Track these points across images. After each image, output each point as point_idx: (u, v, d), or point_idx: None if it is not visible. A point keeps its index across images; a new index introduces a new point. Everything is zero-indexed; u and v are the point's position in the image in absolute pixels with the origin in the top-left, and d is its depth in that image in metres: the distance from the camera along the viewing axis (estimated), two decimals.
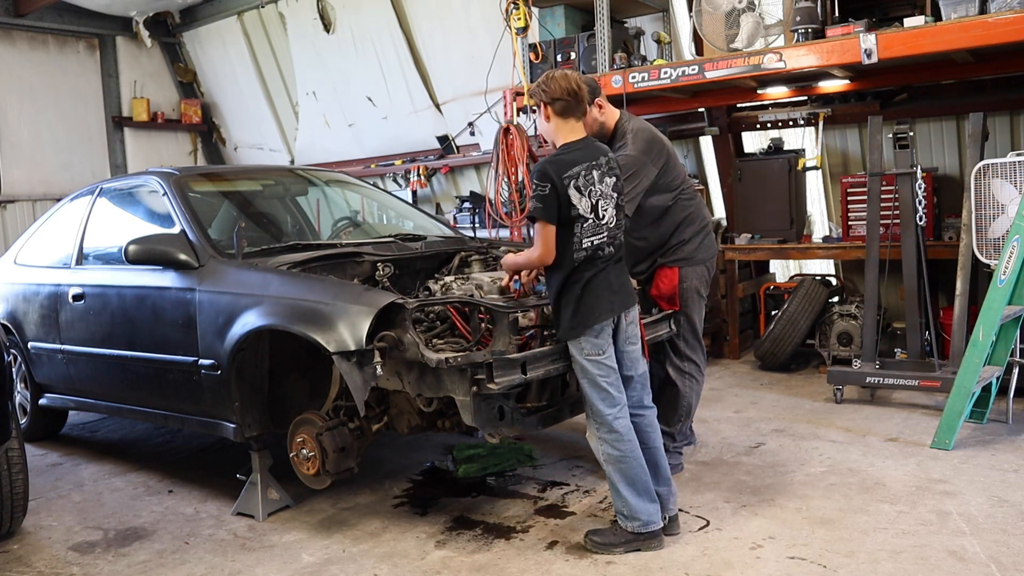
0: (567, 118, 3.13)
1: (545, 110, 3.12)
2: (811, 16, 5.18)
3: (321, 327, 3.16)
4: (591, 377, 3.08)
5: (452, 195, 8.80)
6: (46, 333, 4.59)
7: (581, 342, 3.08)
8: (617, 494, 3.13)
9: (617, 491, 3.12)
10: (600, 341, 3.08)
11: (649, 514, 3.11)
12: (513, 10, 6.09)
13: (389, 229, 4.86)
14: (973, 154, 4.97)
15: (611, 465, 3.11)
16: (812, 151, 6.56)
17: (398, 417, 3.56)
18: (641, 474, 3.11)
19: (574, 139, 3.13)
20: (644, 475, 3.12)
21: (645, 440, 3.22)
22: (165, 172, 4.41)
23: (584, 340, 3.07)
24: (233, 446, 4.14)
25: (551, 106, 3.11)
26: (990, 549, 3.01)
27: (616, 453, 3.09)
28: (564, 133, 3.14)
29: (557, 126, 3.14)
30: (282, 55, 9.63)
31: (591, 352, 3.08)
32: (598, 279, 3.09)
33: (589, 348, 3.08)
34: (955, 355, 4.79)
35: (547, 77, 3.13)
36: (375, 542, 3.36)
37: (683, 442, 4.10)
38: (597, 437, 3.12)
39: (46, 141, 9.64)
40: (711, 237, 4.04)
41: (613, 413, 3.08)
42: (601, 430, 3.10)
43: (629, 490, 3.10)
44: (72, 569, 3.28)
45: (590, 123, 3.71)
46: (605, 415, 3.08)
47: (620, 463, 3.09)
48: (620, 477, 3.10)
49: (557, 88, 3.08)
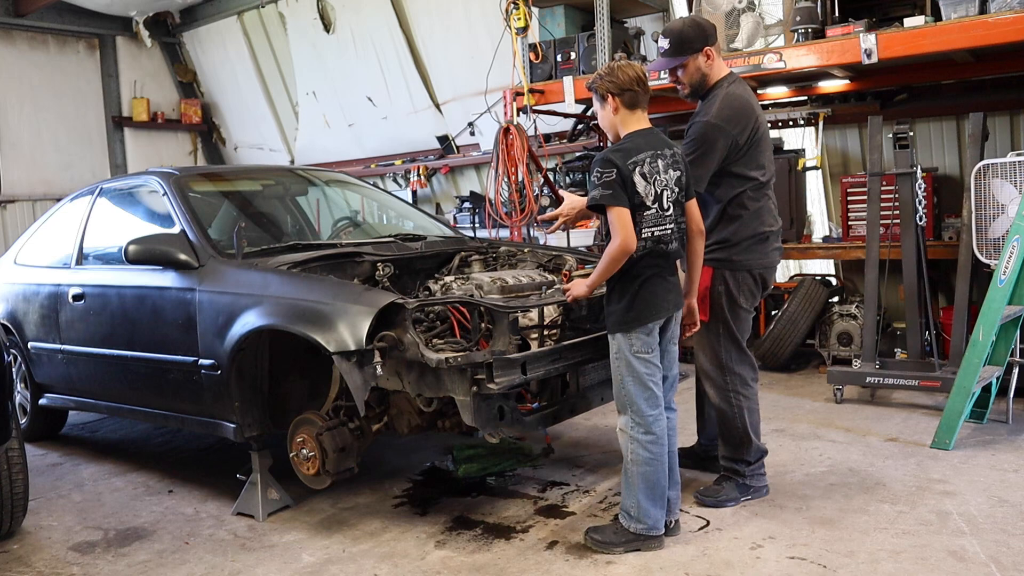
0: (634, 109, 3.06)
1: (613, 101, 3.04)
2: (811, 16, 5.19)
3: (321, 327, 3.16)
4: (638, 375, 3.01)
5: (452, 195, 8.81)
6: (46, 333, 4.59)
7: (632, 338, 3.00)
8: (630, 494, 3.07)
9: (632, 492, 3.06)
10: (651, 339, 3.02)
11: (656, 519, 3.08)
12: (513, 10, 6.10)
13: (389, 229, 4.86)
14: (973, 154, 4.98)
15: (637, 467, 3.04)
16: (812, 151, 6.57)
17: (398, 417, 3.56)
18: (662, 479, 3.06)
19: (639, 128, 3.07)
20: (664, 481, 3.07)
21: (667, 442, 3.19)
22: (165, 172, 4.41)
23: (635, 336, 3.00)
24: (233, 446, 4.14)
25: (620, 97, 3.03)
26: (990, 549, 3.01)
27: (647, 455, 3.02)
28: (630, 123, 3.06)
29: (624, 117, 3.06)
30: (282, 55, 9.64)
31: (641, 349, 3.00)
32: (658, 274, 3.02)
33: (640, 345, 3.00)
34: (955, 355, 4.79)
35: (612, 67, 3.05)
36: (375, 542, 3.36)
37: (759, 460, 3.55)
38: (630, 436, 3.04)
39: (46, 141, 9.65)
40: (771, 245, 3.51)
41: (655, 415, 3.03)
42: (637, 430, 3.03)
43: (645, 494, 3.05)
44: (72, 569, 3.28)
45: (692, 71, 3.43)
46: (647, 415, 3.01)
47: (648, 466, 3.02)
48: (642, 481, 3.03)
49: (626, 78, 3.01)
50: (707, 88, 3.47)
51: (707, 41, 3.42)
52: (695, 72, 3.45)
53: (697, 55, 3.41)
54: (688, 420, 4.59)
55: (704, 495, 3.54)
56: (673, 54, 3.43)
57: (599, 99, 3.10)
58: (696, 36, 3.41)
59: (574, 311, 3.58)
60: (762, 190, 3.47)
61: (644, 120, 3.09)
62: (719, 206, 3.44)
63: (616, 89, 3.03)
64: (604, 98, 3.07)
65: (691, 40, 3.40)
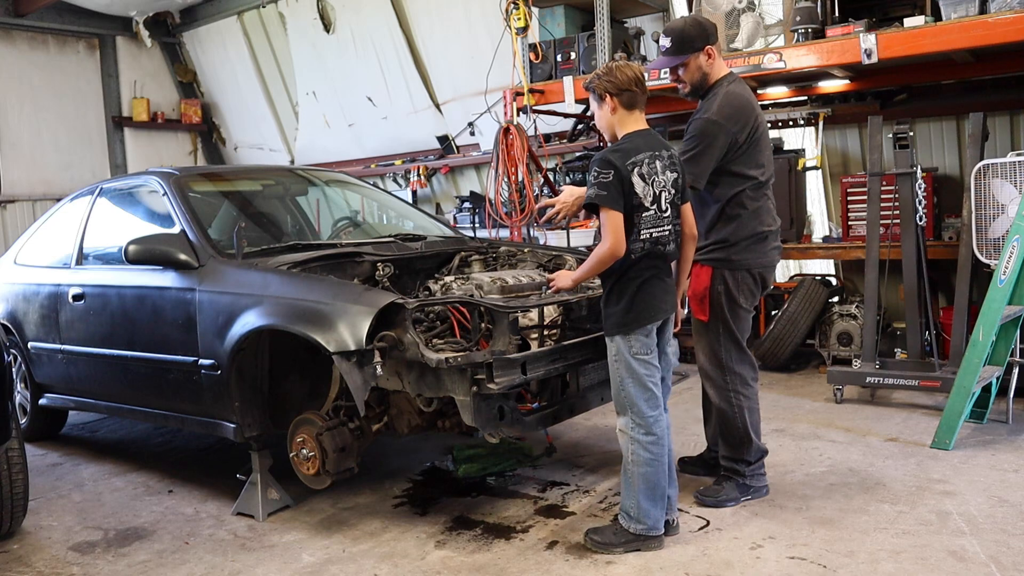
0: (632, 109, 3.05)
1: (612, 101, 3.04)
2: (811, 16, 5.19)
3: (321, 327, 3.16)
4: (638, 377, 3.01)
5: (452, 195, 8.81)
6: (46, 333, 4.59)
7: (631, 340, 3.00)
8: (630, 495, 3.07)
9: (632, 493, 3.06)
10: (650, 341, 3.03)
11: (655, 519, 3.08)
12: (513, 10, 6.11)
13: (389, 229, 4.86)
14: (973, 154, 4.98)
15: (638, 467, 3.03)
16: (812, 151, 6.57)
17: (398, 417, 3.56)
18: (662, 480, 3.06)
19: (637, 129, 3.06)
20: (664, 481, 3.07)
21: None
22: (165, 172, 4.41)
23: (635, 338, 3.00)
24: (233, 446, 4.14)
25: (618, 97, 3.02)
26: (990, 549, 3.01)
27: (647, 456, 3.02)
28: (628, 124, 3.06)
29: (622, 117, 3.05)
30: (282, 55, 9.64)
31: (640, 351, 3.00)
32: (656, 276, 3.02)
33: (639, 347, 3.00)
34: (955, 355, 4.79)
35: (610, 67, 3.04)
36: (375, 542, 3.36)
37: (759, 460, 3.56)
38: (631, 438, 3.04)
39: (46, 141, 9.65)
40: (769, 244, 3.53)
41: (655, 415, 3.03)
42: (638, 431, 3.02)
43: (645, 495, 3.05)
44: (72, 569, 3.28)
45: (693, 70, 3.44)
46: (648, 416, 3.01)
47: (648, 466, 3.03)
48: (643, 482, 3.03)
49: (624, 79, 3.01)
50: (707, 87, 3.48)
51: (708, 40, 3.44)
52: (696, 71, 3.46)
53: (698, 54, 3.43)
54: (689, 423, 4.60)
55: (704, 495, 3.53)
56: (675, 53, 3.45)
57: (597, 99, 3.09)
58: (698, 35, 3.42)
59: (574, 311, 3.58)
60: (761, 189, 3.47)
61: (642, 121, 3.09)
62: (718, 205, 3.44)
63: (615, 89, 3.03)
64: (602, 98, 3.07)
65: (693, 39, 3.42)
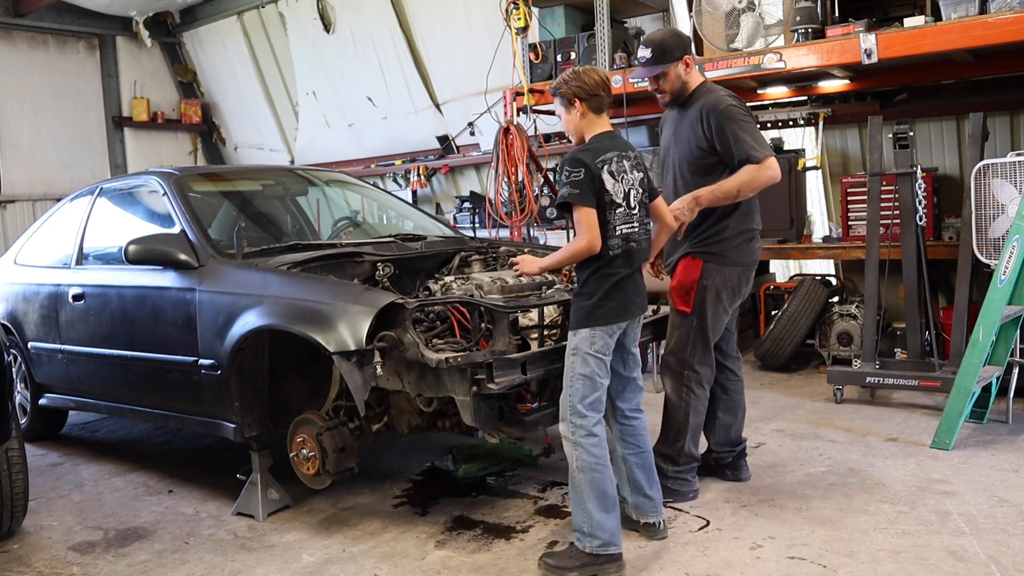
0: (600, 113, 3.08)
1: (580, 106, 3.05)
2: (811, 16, 5.19)
3: (321, 327, 3.16)
4: (591, 374, 2.97)
5: (452, 195, 8.81)
6: (46, 333, 4.59)
7: (595, 335, 2.97)
8: (581, 508, 2.97)
9: (582, 504, 2.96)
10: (612, 341, 3.02)
11: (611, 533, 2.96)
12: (513, 10, 6.11)
13: (389, 229, 4.86)
14: (973, 154, 4.98)
15: (584, 474, 2.95)
16: (812, 151, 6.57)
17: (398, 417, 3.56)
18: (609, 487, 2.98)
19: (603, 131, 3.09)
20: (612, 489, 2.99)
21: (641, 444, 3.18)
22: (165, 172, 4.41)
23: (599, 335, 2.97)
24: (233, 446, 4.14)
25: (587, 102, 3.04)
26: (990, 549, 3.01)
27: (591, 460, 2.94)
28: (595, 127, 3.08)
29: (590, 121, 3.08)
30: (282, 55, 9.64)
31: (601, 349, 2.98)
32: (629, 275, 3.03)
33: (600, 344, 2.98)
34: (955, 355, 4.79)
35: (577, 72, 3.06)
36: (375, 542, 3.36)
37: (688, 465, 3.59)
38: (573, 442, 2.98)
39: (46, 141, 9.65)
40: (755, 245, 3.62)
41: (596, 417, 2.98)
42: (579, 433, 2.96)
43: (596, 504, 2.95)
44: (72, 569, 3.28)
45: (672, 79, 3.55)
46: (589, 417, 2.96)
47: (594, 471, 2.94)
48: (590, 488, 2.95)
49: (592, 83, 3.03)
50: (686, 95, 3.60)
51: (686, 50, 3.57)
52: (676, 80, 3.57)
53: (677, 63, 3.55)
54: None
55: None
56: (655, 62, 3.56)
57: (564, 103, 3.10)
58: (676, 45, 3.55)
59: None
60: None
61: (607, 123, 3.13)
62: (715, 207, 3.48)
63: (584, 94, 3.05)
64: (571, 103, 3.08)
65: (672, 49, 3.53)
